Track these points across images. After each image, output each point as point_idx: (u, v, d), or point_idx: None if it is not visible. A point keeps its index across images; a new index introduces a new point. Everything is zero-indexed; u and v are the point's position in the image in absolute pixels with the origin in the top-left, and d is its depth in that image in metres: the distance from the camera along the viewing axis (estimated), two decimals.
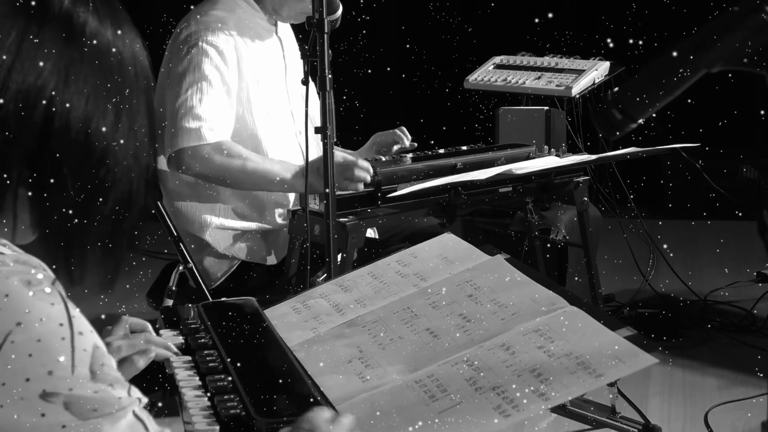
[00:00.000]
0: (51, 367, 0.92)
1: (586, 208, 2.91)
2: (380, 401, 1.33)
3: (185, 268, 2.59)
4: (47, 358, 0.93)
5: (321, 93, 2.22)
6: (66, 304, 0.96)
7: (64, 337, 0.94)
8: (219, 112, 2.57)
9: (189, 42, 2.61)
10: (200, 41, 2.59)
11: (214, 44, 2.59)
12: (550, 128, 3.30)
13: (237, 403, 1.28)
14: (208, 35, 2.60)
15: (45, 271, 0.98)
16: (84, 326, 0.97)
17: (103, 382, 0.96)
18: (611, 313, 3.61)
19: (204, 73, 2.56)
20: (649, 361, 1.30)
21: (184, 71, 2.57)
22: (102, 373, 0.96)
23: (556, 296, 1.49)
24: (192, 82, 2.56)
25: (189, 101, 2.54)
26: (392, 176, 2.54)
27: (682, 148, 3.11)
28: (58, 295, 0.97)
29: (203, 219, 2.69)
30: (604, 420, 2.76)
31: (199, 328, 1.54)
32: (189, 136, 2.52)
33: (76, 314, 0.97)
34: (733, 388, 3.03)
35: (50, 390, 0.92)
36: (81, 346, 0.95)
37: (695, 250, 4.57)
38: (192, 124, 2.52)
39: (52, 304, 0.95)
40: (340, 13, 2.53)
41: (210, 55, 2.58)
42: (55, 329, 0.94)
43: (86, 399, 0.94)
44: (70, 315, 0.96)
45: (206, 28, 2.61)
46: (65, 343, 0.94)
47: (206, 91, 2.55)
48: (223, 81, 2.59)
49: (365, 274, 1.74)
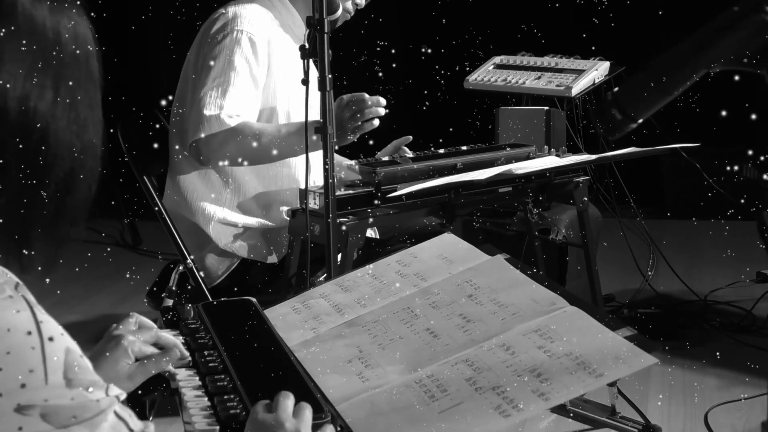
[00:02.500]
0: (24, 379, 0.90)
1: (586, 208, 2.91)
2: (380, 401, 1.33)
3: (185, 268, 2.59)
4: (18, 371, 0.90)
5: (321, 93, 2.22)
6: (32, 309, 0.93)
7: (33, 347, 0.91)
8: (242, 100, 2.58)
9: (224, 30, 2.63)
10: (235, 30, 2.62)
11: (250, 35, 2.62)
12: (550, 128, 3.30)
13: (237, 403, 1.28)
14: (245, 25, 2.63)
15: (6, 275, 0.95)
16: (53, 330, 0.94)
17: (79, 386, 0.93)
18: (611, 313, 3.61)
19: (233, 63, 2.58)
20: (649, 361, 1.30)
21: (214, 59, 2.60)
22: (77, 378, 0.93)
23: (556, 296, 1.49)
24: (220, 72, 2.57)
25: (214, 91, 2.56)
26: (392, 176, 2.54)
27: (682, 148, 3.11)
28: (22, 300, 0.93)
29: (207, 212, 2.69)
30: (604, 420, 2.76)
31: (199, 328, 1.54)
32: (209, 123, 2.53)
33: (43, 319, 0.94)
34: (733, 388, 3.03)
35: (25, 403, 0.89)
36: (52, 353, 0.92)
37: (695, 250, 4.57)
38: (212, 111, 2.53)
39: (17, 312, 0.92)
40: (340, 12, 2.53)
41: (242, 46, 2.60)
42: (24, 339, 0.91)
43: (63, 407, 0.91)
44: (37, 321, 0.92)
45: (243, 19, 2.64)
46: (35, 352, 0.91)
47: (233, 81, 2.57)
48: (251, 73, 2.60)
49: (365, 274, 1.74)
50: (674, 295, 3.91)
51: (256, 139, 2.54)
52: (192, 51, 2.73)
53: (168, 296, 2.66)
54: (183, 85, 2.73)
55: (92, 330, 3.31)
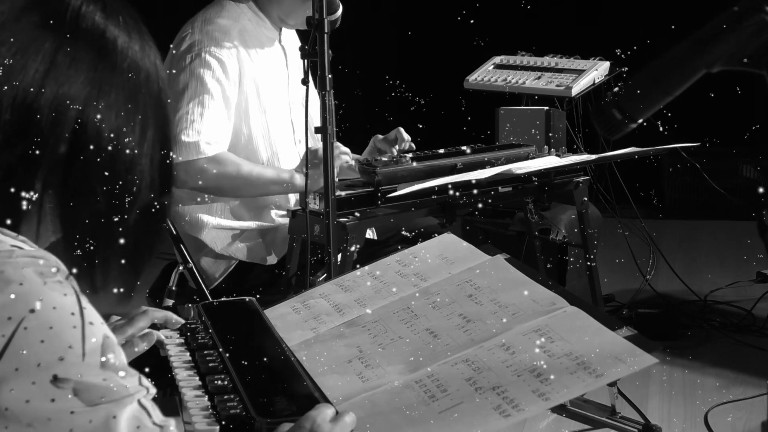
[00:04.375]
0: (62, 353, 0.95)
1: (586, 208, 2.91)
2: (380, 401, 1.33)
3: (185, 268, 2.59)
4: (59, 345, 0.95)
5: (321, 93, 2.22)
6: (78, 296, 0.99)
7: (75, 326, 0.96)
8: (218, 125, 2.57)
9: (192, 51, 2.60)
10: (203, 52, 2.59)
11: (217, 56, 2.59)
12: (550, 128, 3.30)
13: (237, 403, 1.28)
14: (212, 46, 2.60)
15: (59, 266, 1.01)
16: (95, 317, 0.99)
17: (112, 370, 0.98)
18: (611, 313, 3.61)
19: (206, 86, 2.55)
20: (649, 361, 1.30)
21: (186, 83, 2.57)
22: (111, 363, 0.98)
23: (556, 296, 1.49)
24: (193, 95, 2.55)
25: (190, 115, 2.53)
26: (392, 176, 2.54)
27: (682, 148, 3.11)
28: (70, 287, 0.99)
29: (200, 219, 2.69)
30: (604, 420, 2.77)
31: (199, 328, 1.54)
32: (188, 150, 2.51)
33: (87, 306, 1.00)
34: (733, 388, 3.04)
35: (61, 375, 0.94)
36: (91, 335, 0.97)
37: (695, 250, 4.57)
38: (191, 138, 2.52)
39: (65, 295, 0.98)
40: (340, 12, 2.53)
41: (212, 67, 2.57)
42: (67, 318, 0.96)
43: (95, 386, 0.96)
44: (81, 306, 0.98)
45: (210, 39, 2.61)
46: (76, 331, 0.96)
47: (207, 104, 2.55)
48: (224, 94, 2.58)
49: (365, 274, 1.74)
50: (674, 295, 3.92)
51: (234, 174, 2.55)
52: (165, 68, 2.71)
53: (168, 296, 2.66)
54: None
55: None
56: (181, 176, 2.53)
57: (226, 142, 2.61)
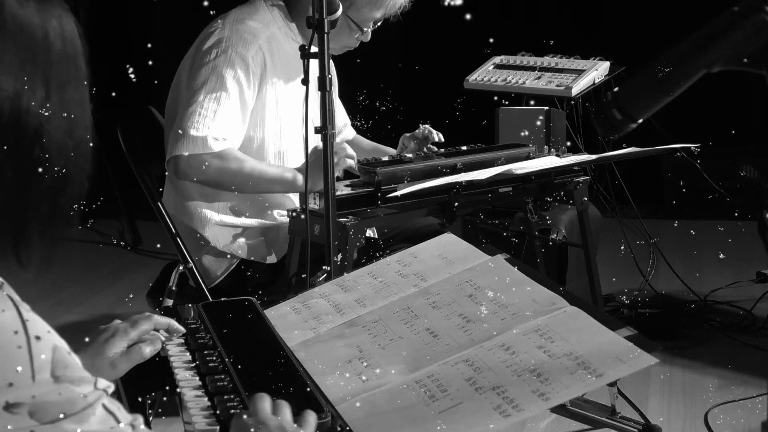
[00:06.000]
0: (10, 378, 0.90)
1: (586, 208, 2.91)
2: (380, 401, 1.33)
3: (185, 268, 2.59)
4: (6, 370, 0.90)
5: (321, 93, 2.22)
6: (18, 307, 0.93)
7: (20, 345, 0.91)
8: (230, 124, 2.55)
9: (219, 47, 2.58)
10: (230, 49, 2.57)
11: (243, 56, 2.57)
12: (550, 128, 3.30)
13: (237, 403, 1.28)
14: (239, 46, 2.58)
15: None
16: (40, 328, 0.94)
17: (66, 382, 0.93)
18: (611, 313, 3.61)
19: (225, 85, 2.54)
20: (649, 361, 1.30)
21: (206, 77, 2.55)
22: (64, 375, 0.93)
23: (556, 296, 1.49)
24: (211, 90, 2.54)
25: (203, 110, 2.52)
26: (392, 176, 2.54)
27: (682, 148, 3.11)
28: (7, 299, 0.93)
29: (203, 215, 2.69)
30: (604, 420, 2.77)
31: (199, 328, 1.54)
32: (195, 144, 2.51)
33: (29, 317, 0.94)
34: (733, 388, 3.03)
35: (13, 401, 0.90)
36: (39, 351, 0.92)
37: (695, 250, 4.56)
38: (200, 132, 2.51)
39: (3, 311, 0.92)
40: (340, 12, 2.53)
41: (236, 67, 2.56)
42: (10, 338, 0.91)
43: (51, 403, 0.91)
44: (23, 320, 0.93)
45: (239, 38, 2.59)
46: (22, 351, 0.91)
47: (223, 102, 2.54)
48: (242, 96, 2.57)
49: (365, 274, 1.74)
50: (674, 295, 3.91)
51: (237, 169, 2.54)
52: (186, 60, 2.70)
53: (168, 296, 2.66)
54: (175, 92, 2.71)
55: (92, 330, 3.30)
56: (183, 168, 2.53)
57: (236, 141, 2.60)
